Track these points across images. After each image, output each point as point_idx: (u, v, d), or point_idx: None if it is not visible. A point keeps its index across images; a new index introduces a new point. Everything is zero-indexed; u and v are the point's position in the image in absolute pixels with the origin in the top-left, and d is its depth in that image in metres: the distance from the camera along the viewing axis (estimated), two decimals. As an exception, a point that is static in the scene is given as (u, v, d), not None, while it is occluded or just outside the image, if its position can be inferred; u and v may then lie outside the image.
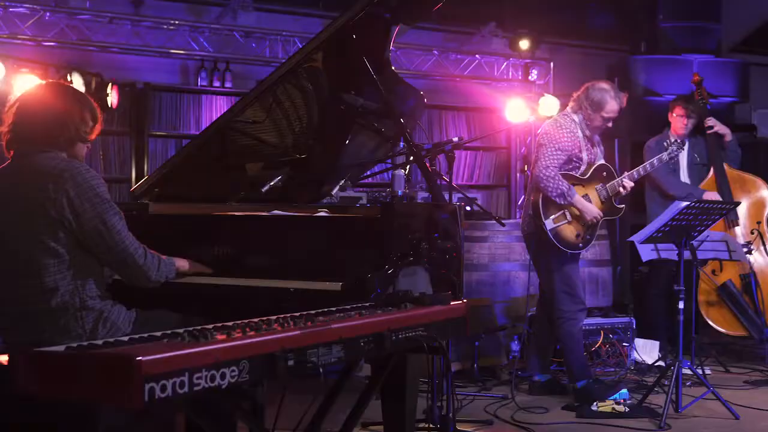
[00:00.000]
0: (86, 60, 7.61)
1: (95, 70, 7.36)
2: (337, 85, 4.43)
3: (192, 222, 3.99)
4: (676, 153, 5.66)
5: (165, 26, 7.87)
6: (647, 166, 5.61)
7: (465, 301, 3.21)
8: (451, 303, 3.12)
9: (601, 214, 5.34)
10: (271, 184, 4.57)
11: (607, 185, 5.40)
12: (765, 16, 10.21)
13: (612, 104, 5.34)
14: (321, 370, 2.44)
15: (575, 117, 5.38)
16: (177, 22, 7.90)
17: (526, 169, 9.16)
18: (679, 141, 5.74)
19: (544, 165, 5.22)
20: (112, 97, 7.25)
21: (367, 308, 2.92)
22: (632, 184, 5.48)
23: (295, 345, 2.41)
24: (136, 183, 7.42)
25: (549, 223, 5.23)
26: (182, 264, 3.43)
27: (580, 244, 5.33)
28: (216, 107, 8.14)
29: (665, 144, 5.73)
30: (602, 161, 5.50)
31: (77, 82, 6.85)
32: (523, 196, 9.10)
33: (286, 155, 4.66)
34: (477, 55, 9.07)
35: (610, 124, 5.44)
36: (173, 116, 8.03)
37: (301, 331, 2.46)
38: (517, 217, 8.98)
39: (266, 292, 3.43)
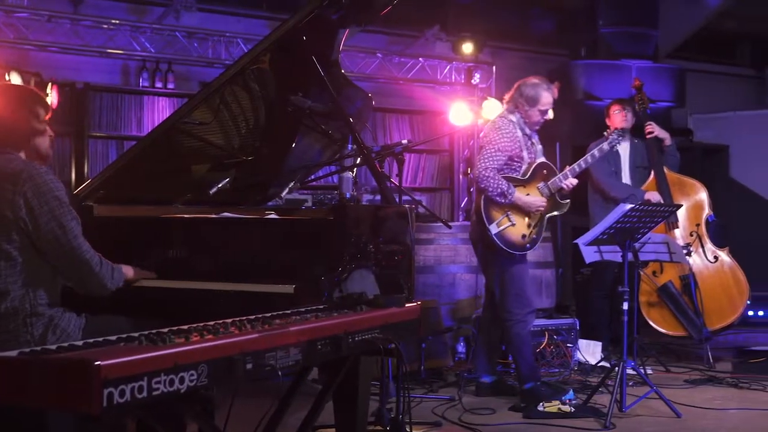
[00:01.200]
0: (24, 59, 7.45)
1: (34, 69, 7.22)
2: (285, 86, 4.41)
3: (140, 224, 3.93)
4: (617, 141, 5.74)
5: (105, 26, 7.76)
6: (588, 158, 5.65)
7: (419, 303, 3.21)
8: (406, 305, 3.12)
9: (545, 202, 5.39)
10: (219, 186, 4.54)
11: (549, 182, 5.45)
12: (700, 23, 10.44)
13: (546, 96, 5.40)
14: (280, 373, 2.42)
15: (512, 117, 5.43)
16: (117, 21, 7.79)
17: (469, 171, 9.24)
18: (619, 130, 5.84)
19: (483, 166, 5.27)
20: (52, 97, 7.10)
21: (322, 311, 2.91)
22: (575, 180, 5.52)
23: (253, 348, 2.39)
24: (76, 185, 7.30)
25: (493, 228, 5.27)
26: (128, 271, 3.38)
27: (527, 245, 5.37)
28: (158, 108, 8.03)
29: (605, 133, 5.81)
30: (542, 159, 5.54)
31: (15, 81, 6.70)
32: (465, 199, 9.20)
33: (233, 157, 4.62)
34: (420, 59, 9.11)
35: (548, 116, 5.48)
36: (114, 117, 7.90)
37: (259, 334, 2.44)
38: (461, 219, 9.05)
39: (218, 295, 3.40)
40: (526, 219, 5.36)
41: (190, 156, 4.52)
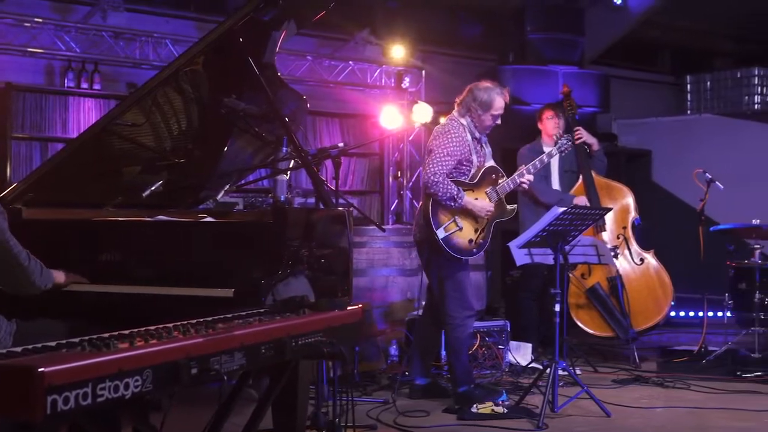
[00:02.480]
0: (-57, 57, 7.23)
1: (-47, 68, 7.00)
2: (218, 89, 4.37)
3: (71, 228, 3.84)
4: (566, 146, 5.86)
5: (28, 24, 7.55)
6: (544, 158, 5.73)
7: (361, 306, 3.21)
8: (348, 308, 3.12)
9: (493, 207, 5.43)
10: (152, 189, 4.47)
11: (497, 187, 5.49)
12: (624, 30, 10.67)
13: (499, 101, 5.44)
14: (226, 378, 2.39)
15: (463, 121, 5.44)
16: (41, 20, 7.59)
17: (399, 175, 9.28)
18: (567, 135, 5.97)
19: (432, 171, 5.27)
20: (-27, 97, 6.90)
21: (264, 314, 2.88)
22: (531, 177, 5.59)
23: (199, 353, 2.35)
24: (-1, 188, 7.09)
25: (441, 232, 5.28)
26: (58, 276, 3.30)
27: (474, 250, 5.41)
28: (84, 109, 7.86)
29: (555, 137, 5.90)
30: (491, 162, 5.58)
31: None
32: (396, 201, 9.23)
33: (164, 159, 4.55)
34: (350, 62, 9.10)
35: (498, 122, 5.54)
36: (38, 118, 7.70)
37: (204, 339, 2.40)
38: (391, 222, 9.07)
39: (155, 299, 3.35)
40: (474, 224, 5.39)
41: (122, 158, 4.45)
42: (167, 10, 8.48)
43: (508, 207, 5.56)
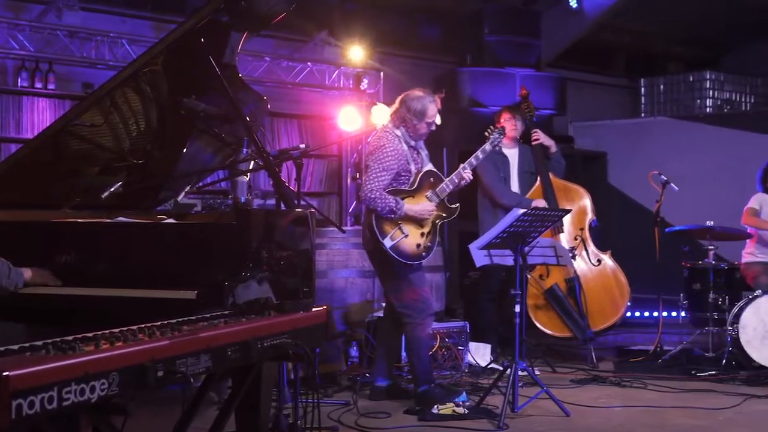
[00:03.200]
0: None
1: None
2: (178, 89, 4.33)
3: (30, 229, 3.78)
4: (498, 141, 5.86)
5: (-21, 22, 7.43)
6: (472, 160, 5.68)
7: (325, 307, 3.20)
8: (312, 309, 3.11)
9: (434, 208, 5.44)
10: (112, 190, 4.42)
11: (437, 189, 5.51)
12: (579, 33, 10.79)
13: (433, 108, 5.45)
14: (192, 380, 2.37)
15: (397, 132, 5.44)
16: (-8, 18, 7.47)
17: (357, 176, 9.27)
18: (499, 129, 5.96)
19: (369, 188, 5.28)
20: (-76, 97, 6.76)
21: (229, 316, 2.87)
22: (470, 174, 5.58)
23: (165, 355, 2.33)
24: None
25: (388, 242, 5.29)
26: (27, 274, 3.25)
27: (423, 254, 5.43)
28: (38, 109, 7.74)
29: (486, 134, 5.92)
30: (429, 166, 5.59)
31: None
32: (354, 203, 9.22)
33: (123, 160, 4.50)
34: (309, 63, 9.07)
35: (433, 128, 5.54)
36: (-9, 118, 7.58)
37: (170, 341, 2.38)
38: (349, 224, 9.06)
39: (117, 301, 3.30)
40: (419, 228, 5.40)
41: (80, 159, 4.39)
42: (124, 9, 8.37)
43: (451, 206, 5.57)
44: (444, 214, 5.53)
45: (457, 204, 5.63)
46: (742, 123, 10.20)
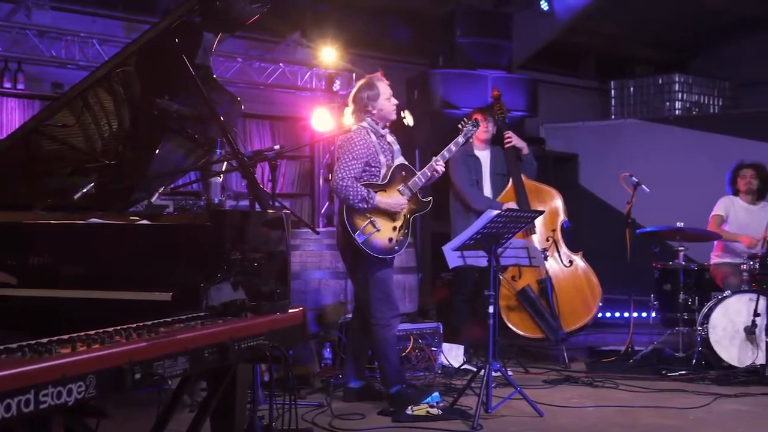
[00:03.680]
0: None
1: None
2: (151, 90, 4.30)
3: (1, 231, 3.73)
4: (472, 132, 5.88)
5: (-52, 21, 7.34)
6: (445, 153, 5.69)
7: (302, 308, 3.19)
8: (289, 311, 3.10)
9: (406, 201, 5.46)
10: (84, 191, 4.38)
11: (409, 183, 5.52)
12: (550, 35, 10.86)
13: (383, 86, 5.51)
14: (170, 382, 2.35)
15: (364, 124, 5.48)
16: (-39, 17, 7.39)
17: (330, 177, 9.25)
18: (473, 121, 5.98)
19: (340, 176, 5.30)
20: None
21: (205, 318, 2.85)
22: (442, 167, 5.60)
23: (142, 357, 2.32)
24: None
25: (360, 236, 5.29)
26: None
27: (396, 248, 5.43)
28: (7, 109, 7.66)
29: (459, 126, 5.94)
30: (401, 159, 5.60)
31: None
32: (327, 204, 9.21)
33: (95, 161, 4.46)
34: (281, 64, 9.05)
35: (396, 102, 5.55)
36: (-41, 118, 7.49)
37: (147, 343, 2.37)
38: (321, 225, 9.05)
39: (90, 303, 3.26)
40: (391, 222, 5.41)
41: (51, 160, 4.34)
42: (94, 9, 8.31)
43: (424, 200, 5.58)
44: (416, 207, 5.54)
45: (430, 197, 5.65)
46: (710, 125, 10.33)
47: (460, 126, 5.91)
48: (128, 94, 4.33)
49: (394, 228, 5.42)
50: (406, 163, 5.62)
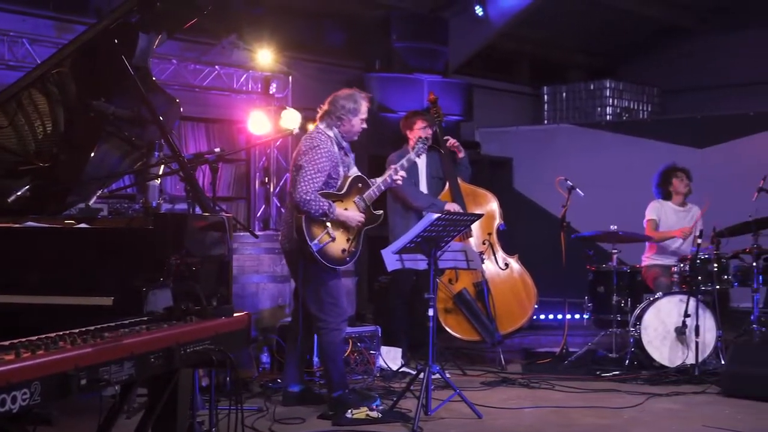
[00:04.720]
0: None
1: None
2: (87, 91, 4.23)
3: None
4: (423, 150, 5.97)
5: None
6: (404, 162, 5.82)
7: (247, 313, 3.18)
8: (234, 315, 3.08)
9: (363, 216, 5.48)
10: (18, 194, 4.29)
11: (364, 195, 5.54)
12: (485, 41, 10.97)
13: (365, 104, 5.54)
14: (116, 388, 2.32)
15: (330, 133, 5.46)
16: None
17: (266, 181, 9.21)
18: (423, 139, 6.09)
19: (304, 190, 5.27)
20: None
21: (150, 322, 2.82)
22: (404, 173, 5.71)
23: (88, 363, 2.28)
24: None
25: (315, 245, 5.28)
26: None
27: (348, 258, 5.44)
28: (-67, 110, 7.43)
29: (409, 144, 6.00)
30: (356, 171, 5.63)
31: None
32: (263, 207, 9.16)
33: (29, 163, 4.38)
34: (217, 66, 8.96)
35: (365, 125, 5.60)
36: None
37: (93, 348, 2.33)
38: (257, 229, 8.99)
39: (29, 309, 3.20)
40: (346, 234, 5.42)
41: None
42: (24, 8, 8.11)
43: (375, 213, 5.62)
44: (369, 219, 5.56)
45: (381, 211, 5.68)
46: (640, 130, 10.56)
47: (410, 145, 5.96)
48: (63, 95, 4.26)
49: (348, 239, 5.43)
50: (362, 175, 5.65)
